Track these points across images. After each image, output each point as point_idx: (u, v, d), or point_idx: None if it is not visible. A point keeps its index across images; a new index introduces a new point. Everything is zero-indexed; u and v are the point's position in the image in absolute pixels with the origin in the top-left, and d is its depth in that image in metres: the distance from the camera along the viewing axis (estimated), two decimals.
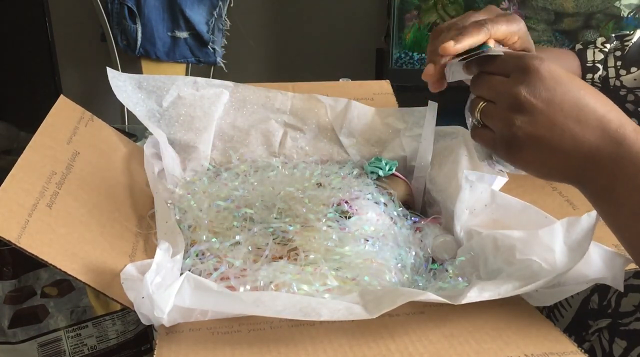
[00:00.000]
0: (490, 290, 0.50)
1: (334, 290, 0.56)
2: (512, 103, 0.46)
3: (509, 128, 0.46)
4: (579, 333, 0.68)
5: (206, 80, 0.87)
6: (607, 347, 0.64)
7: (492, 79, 0.48)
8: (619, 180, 0.45)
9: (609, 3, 1.92)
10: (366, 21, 2.34)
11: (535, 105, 0.45)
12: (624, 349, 0.62)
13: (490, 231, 0.63)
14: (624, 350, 0.62)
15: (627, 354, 0.62)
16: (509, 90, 0.46)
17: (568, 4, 1.91)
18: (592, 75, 0.74)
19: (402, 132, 0.87)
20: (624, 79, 0.71)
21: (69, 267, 0.50)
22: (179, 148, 0.81)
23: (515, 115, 0.46)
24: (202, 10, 2.03)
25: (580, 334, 0.68)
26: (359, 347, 0.46)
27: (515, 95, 0.45)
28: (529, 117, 0.45)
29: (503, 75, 0.48)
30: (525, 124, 0.45)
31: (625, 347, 0.62)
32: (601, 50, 0.75)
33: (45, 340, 0.61)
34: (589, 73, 0.75)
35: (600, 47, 0.76)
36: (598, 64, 0.74)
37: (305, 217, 0.66)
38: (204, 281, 0.50)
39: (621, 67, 0.73)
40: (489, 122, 0.49)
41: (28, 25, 1.91)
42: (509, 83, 0.46)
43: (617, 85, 0.71)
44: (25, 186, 0.55)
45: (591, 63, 0.75)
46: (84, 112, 0.75)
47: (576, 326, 0.69)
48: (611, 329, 0.65)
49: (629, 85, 0.70)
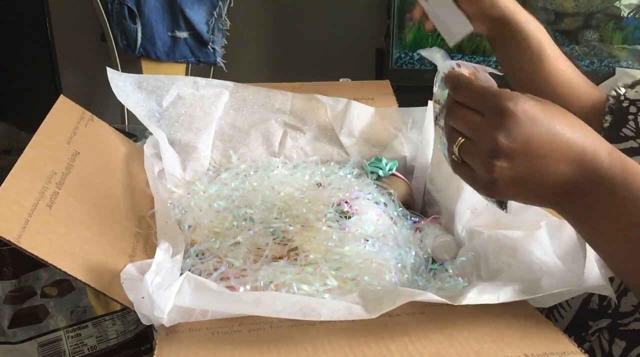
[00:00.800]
0: (490, 293, 0.50)
1: (334, 290, 0.56)
2: (491, 149, 0.47)
3: (489, 173, 0.47)
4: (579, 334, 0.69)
5: (206, 80, 0.87)
6: (606, 348, 0.64)
7: (467, 115, 0.49)
8: (596, 208, 0.47)
9: (609, 3, 1.92)
10: (366, 21, 2.34)
11: (514, 150, 0.46)
12: (624, 350, 0.62)
13: (492, 231, 0.63)
14: (624, 350, 0.62)
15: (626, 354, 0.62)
16: (487, 135, 0.47)
17: (568, 4, 1.91)
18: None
19: (402, 132, 0.87)
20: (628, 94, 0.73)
21: (69, 267, 0.50)
22: (179, 148, 0.81)
23: (494, 161, 0.47)
24: (202, 10, 2.03)
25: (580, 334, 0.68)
26: (359, 347, 0.46)
27: (493, 141, 0.46)
28: (508, 163, 0.47)
29: (477, 111, 0.48)
30: (504, 170, 0.47)
31: (625, 347, 0.63)
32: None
33: (45, 340, 0.61)
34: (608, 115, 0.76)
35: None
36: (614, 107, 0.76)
37: (305, 217, 0.66)
38: (204, 281, 0.50)
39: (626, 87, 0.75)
40: (468, 161, 0.50)
41: (28, 25, 1.91)
42: (486, 127, 0.47)
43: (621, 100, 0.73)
44: (25, 185, 0.55)
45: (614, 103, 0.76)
46: (84, 112, 0.75)
47: (576, 327, 0.69)
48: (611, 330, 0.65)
49: (631, 98, 0.72)
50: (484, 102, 0.48)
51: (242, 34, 2.27)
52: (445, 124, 0.53)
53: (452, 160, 0.53)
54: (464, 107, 0.50)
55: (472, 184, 0.51)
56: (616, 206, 0.47)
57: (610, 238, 0.48)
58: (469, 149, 0.49)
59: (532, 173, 0.47)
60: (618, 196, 0.47)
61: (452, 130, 0.51)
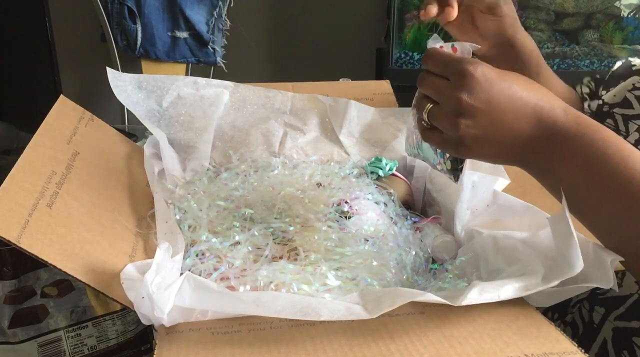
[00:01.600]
0: (490, 292, 0.50)
1: (334, 290, 0.56)
2: (456, 108, 0.51)
3: (456, 131, 0.52)
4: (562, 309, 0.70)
5: (206, 80, 0.87)
6: (586, 317, 0.67)
7: (435, 81, 0.53)
8: (557, 161, 0.52)
9: (609, 3, 1.92)
10: (366, 21, 2.34)
11: (476, 108, 0.51)
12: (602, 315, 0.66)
13: (491, 231, 0.63)
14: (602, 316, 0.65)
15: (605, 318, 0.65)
16: (451, 95, 0.51)
17: (568, 4, 1.91)
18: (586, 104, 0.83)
19: (402, 132, 0.87)
20: (605, 97, 0.78)
21: (69, 267, 0.50)
22: (179, 148, 0.81)
23: (459, 119, 0.51)
24: (202, 10, 2.04)
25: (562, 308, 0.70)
26: (359, 347, 0.46)
27: (457, 100, 0.51)
28: (471, 119, 0.51)
29: (444, 77, 0.53)
30: (469, 127, 0.51)
31: (603, 313, 0.66)
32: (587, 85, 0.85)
33: (45, 340, 0.61)
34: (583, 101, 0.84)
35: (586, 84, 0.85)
36: (586, 95, 0.84)
37: (305, 217, 0.66)
38: (204, 281, 0.50)
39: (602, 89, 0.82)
40: (436, 124, 0.54)
41: (28, 25, 1.91)
42: (450, 88, 0.52)
43: (600, 104, 0.79)
44: (25, 185, 0.55)
45: (581, 94, 0.85)
46: (84, 112, 0.75)
47: (559, 302, 0.71)
48: (590, 299, 0.67)
49: (610, 102, 0.77)
50: (448, 68, 0.52)
51: (242, 34, 2.27)
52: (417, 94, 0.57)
53: (421, 127, 0.56)
54: (432, 74, 0.54)
55: (442, 146, 0.55)
56: (575, 156, 0.51)
57: (577, 189, 0.51)
58: (436, 112, 0.54)
59: (495, 129, 0.51)
60: (575, 146, 0.51)
61: (422, 98, 0.55)
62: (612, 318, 0.64)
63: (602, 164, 0.50)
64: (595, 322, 0.66)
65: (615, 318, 0.64)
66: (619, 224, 0.51)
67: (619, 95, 0.76)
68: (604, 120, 0.75)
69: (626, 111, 0.73)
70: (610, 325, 0.64)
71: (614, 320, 0.64)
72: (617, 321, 0.64)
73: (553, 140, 0.51)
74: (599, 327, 0.65)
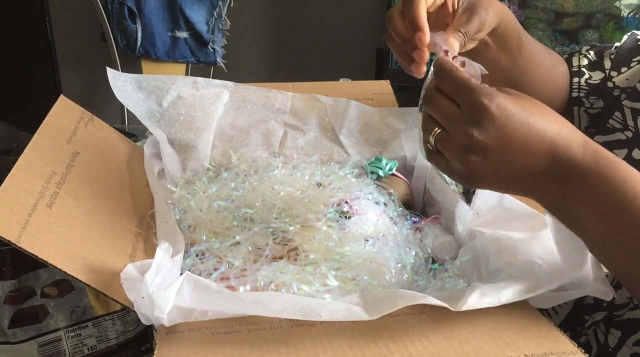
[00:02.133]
0: (491, 295, 0.50)
1: (334, 290, 0.56)
2: (466, 144, 0.48)
3: (464, 166, 0.49)
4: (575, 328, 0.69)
5: (206, 80, 0.87)
6: (602, 340, 0.65)
7: (444, 104, 0.50)
8: (570, 199, 0.49)
9: (609, 3, 1.91)
10: (366, 21, 2.34)
11: (488, 145, 0.47)
12: (619, 339, 0.63)
13: (493, 231, 0.63)
14: (619, 340, 0.63)
15: (621, 343, 0.63)
16: (461, 130, 0.48)
17: (568, 4, 1.91)
18: (579, 79, 0.77)
19: (402, 132, 0.86)
20: (616, 79, 0.73)
21: (69, 267, 0.50)
22: (179, 148, 0.81)
23: (469, 156, 0.48)
24: (202, 10, 2.03)
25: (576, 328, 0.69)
26: (359, 348, 0.46)
27: (468, 136, 0.48)
28: (482, 157, 0.48)
29: (454, 101, 0.49)
30: (478, 164, 0.48)
31: (620, 337, 0.63)
32: (586, 56, 0.79)
33: (45, 340, 0.61)
34: (575, 77, 0.77)
35: (584, 54, 0.79)
36: (583, 68, 0.77)
37: (305, 217, 0.66)
38: (204, 281, 0.50)
39: (611, 69, 0.75)
40: (443, 152, 0.51)
41: (28, 25, 1.91)
42: (461, 120, 0.48)
43: (610, 87, 0.73)
44: (25, 185, 0.55)
45: (577, 68, 0.78)
46: (84, 112, 0.75)
47: (572, 321, 0.70)
48: (607, 321, 0.65)
49: (622, 86, 0.72)
50: (461, 94, 0.49)
51: (242, 34, 2.27)
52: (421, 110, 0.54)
53: (427, 149, 0.54)
54: (442, 95, 0.50)
55: (448, 173, 0.52)
56: (592, 198, 0.48)
57: (594, 230, 0.49)
58: (444, 140, 0.50)
59: (506, 166, 0.48)
60: (592, 189, 0.47)
61: (429, 119, 0.52)
62: (631, 343, 0.62)
63: (620, 211, 0.47)
64: (610, 346, 0.64)
65: (634, 343, 0.61)
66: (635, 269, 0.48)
67: (631, 79, 0.71)
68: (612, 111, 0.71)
69: (635, 104, 0.70)
70: (628, 350, 0.62)
71: (632, 345, 0.62)
72: (635, 346, 0.61)
73: (568, 180, 0.48)
74: (614, 352, 0.63)
